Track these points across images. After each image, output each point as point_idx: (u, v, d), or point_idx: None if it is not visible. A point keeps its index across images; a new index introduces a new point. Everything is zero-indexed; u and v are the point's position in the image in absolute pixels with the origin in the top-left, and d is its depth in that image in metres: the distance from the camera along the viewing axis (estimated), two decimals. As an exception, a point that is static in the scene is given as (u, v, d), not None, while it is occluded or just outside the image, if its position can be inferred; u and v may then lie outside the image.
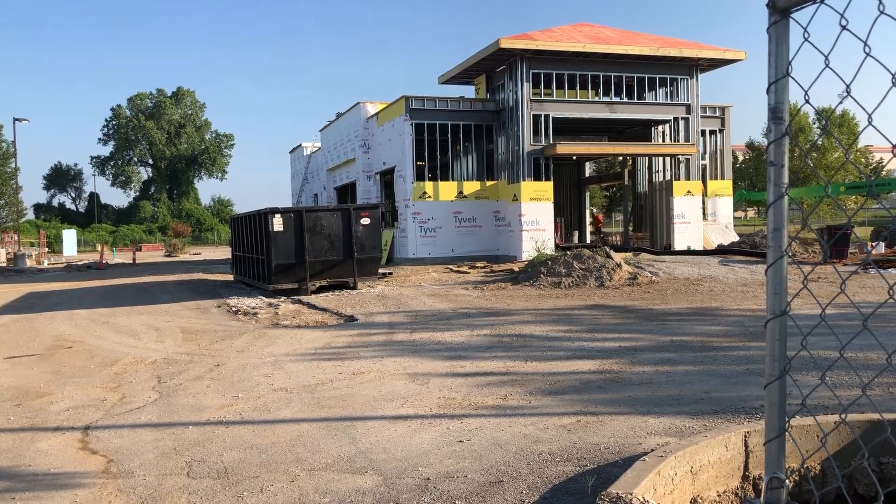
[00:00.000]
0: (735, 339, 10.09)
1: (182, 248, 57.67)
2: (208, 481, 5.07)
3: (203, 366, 9.56)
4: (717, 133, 33.07)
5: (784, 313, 2.03)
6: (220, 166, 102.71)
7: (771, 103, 2.08)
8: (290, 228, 18.70)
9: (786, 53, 2.07)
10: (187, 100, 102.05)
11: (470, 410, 6.68)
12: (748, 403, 6.45)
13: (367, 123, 33.11)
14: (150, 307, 17.38)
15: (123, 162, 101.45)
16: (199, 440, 6.09)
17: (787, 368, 2.09)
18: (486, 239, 28.72)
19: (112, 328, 13.87)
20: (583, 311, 13.87)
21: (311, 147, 46.47)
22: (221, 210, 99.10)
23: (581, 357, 9.10)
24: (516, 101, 27.63)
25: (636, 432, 5.76)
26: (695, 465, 4.75)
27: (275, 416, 6.79)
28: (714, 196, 32.93)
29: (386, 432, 6.07)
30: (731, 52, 29.84)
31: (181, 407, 7.32)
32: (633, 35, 30.51)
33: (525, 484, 4.74)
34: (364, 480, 4.95)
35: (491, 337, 10.99)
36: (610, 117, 29.53)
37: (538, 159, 27.63)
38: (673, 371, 8.09)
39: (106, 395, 8.07)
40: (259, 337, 12.08)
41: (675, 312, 13.15)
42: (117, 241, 77.27)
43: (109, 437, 6.33)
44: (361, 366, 9.05)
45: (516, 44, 26.83)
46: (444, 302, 15.82)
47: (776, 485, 2.02)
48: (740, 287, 16.59)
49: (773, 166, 2.07)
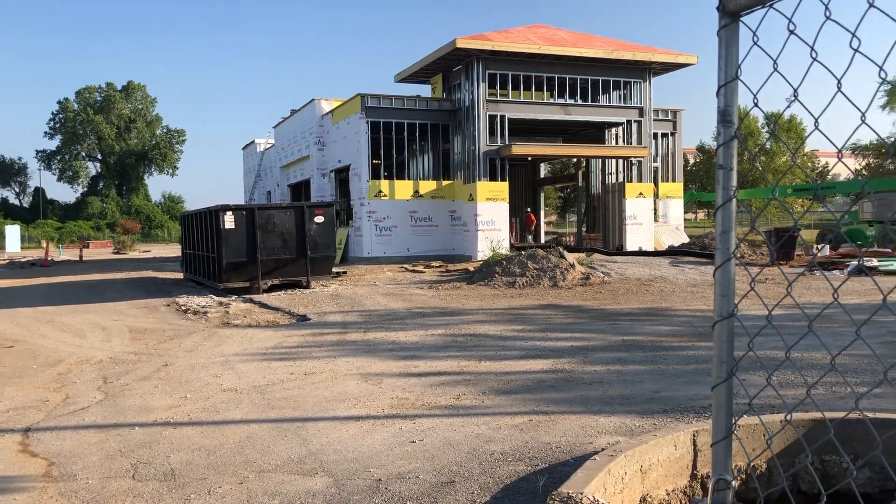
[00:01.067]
0: (684, 338, 10.25)
1: (131, 245, 56.39)
2: (154, 484, 4.96)
3: (151, 366, 9.36)
4: (668, 136, 33.60)
5: (731, 315, 2.05)
6: (171, 162, 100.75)
7: (720, 106, 2.09)
8: (241, 226, 18.43)
9: (735, 57, 2.08)
10: (138, 94, 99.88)
11: (423, 410, 6.66)
12: (697, 402, 6.55)
13: (322, 121, 32.85)
14: (97, 305, 16.97)
15: (71, 156, 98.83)
16: (145, 442, 5.95)
17: (733, 370, 2.11)
18: (442, 238, 28.73)
19: (56, 327, 13.50)
20: (536, 310, 13.95)
21: (264, 143, 45.91)
22: (172, 207, 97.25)
23: (534, 356, 9.14)
24: (472, 101, 27.69)
25: (587, 431, 5.80)
26: (644, 464, 4.79)
27: (224, 417, 6.67)
28: (665, 198, 33.46)
29: (337, 433, 6.00)
30: (683, 57, 30.35)
31: (127, 408, 7.14)
32: (587, 38, 30.83)
33: (477, 484, 4.74)
34: (314, 482, 4.89)
35: (445, 336, 10.98)
36: (565, 119, 29.80)
37: (494, 160, 27.73)
38: (624, 370, 8.18)
39: (48, 395, 7.84)
40: (209, 336, 11.88)
41: (626, 312, 13.31)
42: (64, 237, 75.29)
43: (51, 439, 6.15)
44: (313, 366, 8.96)
45: (472, 44, 26.89)
46: (398, 301, 15.76)
47: (723, 486, 2.03)
48: (690, 288, 16.87)
49: (722, 169, 2.08)
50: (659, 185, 32.89)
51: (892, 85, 2.43)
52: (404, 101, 29.04)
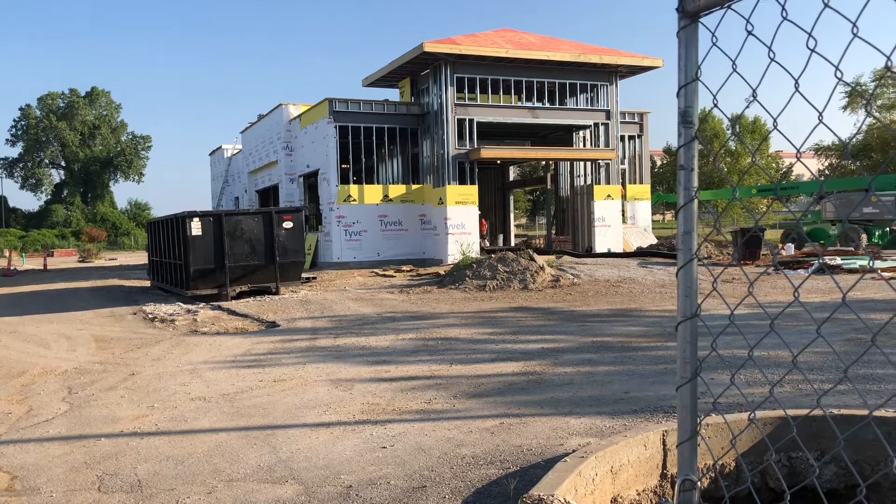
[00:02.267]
0: (653, 339, 10.34)
1: (97, 253, 55.54)
2: (121, 495, 4.87)
3: (117, 375, 9.21)
4: (635, 138, 33.93)
5: (695, 315, 2.06)
6: (136, 169, 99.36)
7: (681, 107, 2.10)
8: (209, 232, 18.24)
9: (695, 58, 2.10)
10: (102, 100, 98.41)
11: (394, 416, 6.63)
12: (666, 402, 6.60)
13: (290, 125, 32.65)
14: (62, 315, 16.67)
15: (34, 164, 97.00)
16: (111, 453, 5.85)
17: (698, 370, 2.12)
18: (412, 242, 28.69)
19: (19, 337, 13.23)
20: (507, 313, 13.99)
21: (231, 149, 45.52)
22: (138, 214, 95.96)
23: (505, 359, 9.16)
24: (441, 104, 27.71)
25: (558, 433, 5.81)
26: (615, 464, 4.82)
27: (192, 427, 6.58)
28: (633, 200, 33.77)
29: (307, 440, 5.95)
30: (648, 60, 30.68)
31: (93, 419, 7.02)
32: (555, 41, 31.03)
33: (448, 488, 4.72)
34: (284, 490, 4.84)
35: (416, 341, 10.95)
36: (533, 122, 29.94)
37: (463, 163, 27.78)
38: (594, 371, 8.22)
39: (11, 408, 7.67)
40: (176, 345, 11.72)
41: (595, 314, 13.39)
42: (27, 246, 73.85)
43: (14, 452, 6.01)
44: (283, 373, 8.88)
45: (440, 48, 26.92)
46: (369, 306, 15.70)
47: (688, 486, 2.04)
48: (658, 288, 17.04)
49: (683, 170, 2.09)
50: (627, 187, 33.19)
51: (850, 85, 2.47)
52: (372, 106, 28.97)
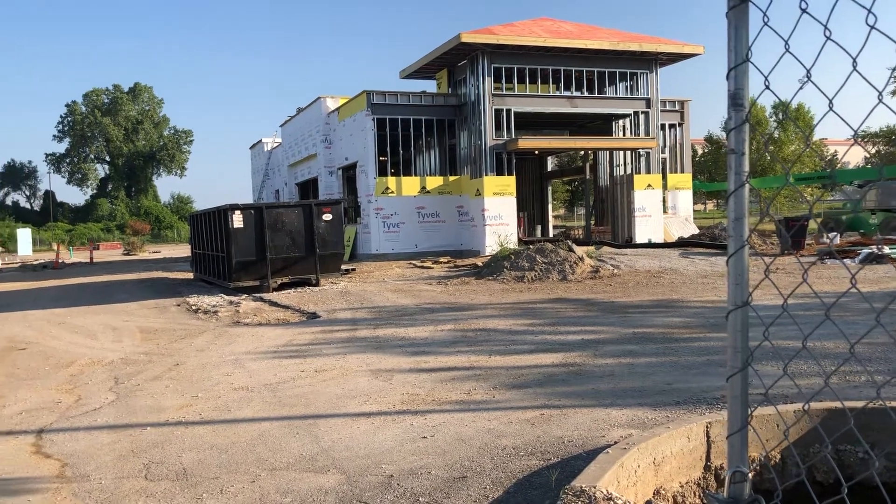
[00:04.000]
0: (696, 330, 10.20)
1: (141, 246, 56.62)
2: (167, 483, 4.96)
3: (162, 365, 9.38)
4: (676, 127, 33.45)
5: (746, 304, 2.01)
6: (179, 163, 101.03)
7: (731, 89, 2.05)
8: (250, 225, 18.46)
9: (745, 38, 2.04)
10: (145, 95, 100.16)
11: (434, 406, 6.64)
12: (709, 394, 6.51)
13: (329, 118, 32.85)
14: (108, 306, 17.03)
15: (80, 159, 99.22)
16: (157, 441, 5.96)
17: (749, 360, 2.07)
18: (450, 234, 28.71)
19: (68, 328, 13.55)
20: (546, 304, 13.91)
21: (271, 142, 45.95)
22: (181, 207, 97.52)
23: (544, 350, 9.11)
24: (478, 95, 27.62)
25: (599, 425, 5.77)
26: (657, 456, 4.77)
27: (235, 416, 6.67)
28: (674, 189, 33.32)
29: (349, 430, 6.00)
30: (689, 47, 30.19)
31: (139, 408, 7.16)
32: (593, 30, 30.70)
33: (489, 479, 4.72)
34: (326, 479, 4.88)
35: (455, 332, 10.96)
36: (571, 111, 29.69)
37: (500, 154, 27.67)
38: (635, 363, 8.14)
39: (61, 397, 7.86)
40: (219, 335, 11.90)
41: (636, 305, 13.25)
42: (74, 239, 75.65)
43: (64, 440, 6.16)
44: (324, 363, 8.95)
45: (477, 38, 26.81)
46: (407, 297, 15.75)
47: (739, 479, 2.01)
48: (700, 279, 16.79)
49: (734, 154, 2.04)
50: (667, 177, 32.77)
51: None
52: (410, 98, 29.00)
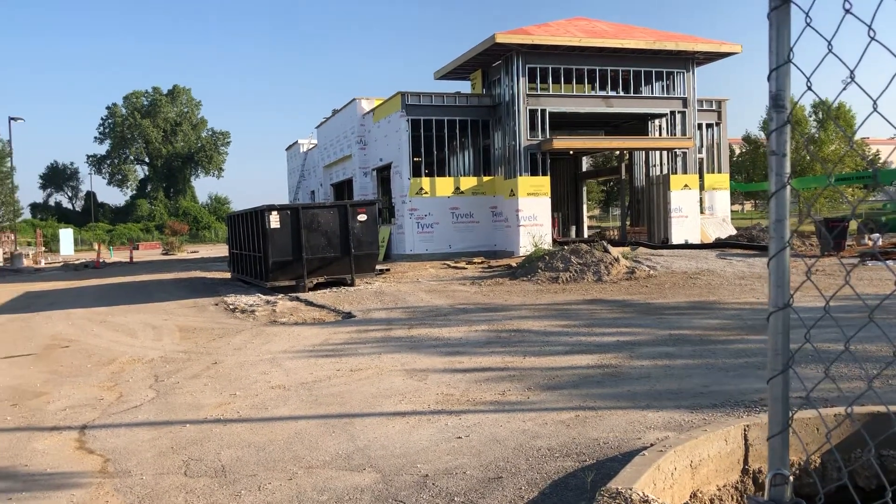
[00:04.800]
0: (733, 332, 10.07)
1: (179, 246, 57.53)
2: (206, 480, 5.04)
3: (200, 364, 9.53)
4: (713, 126, 33.04)
5: (787, 306, 1.99)
6: (216, 164, 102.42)
7: (772, 91, 2.03)
8: (287, 225, 18.66)
9: (787, 39, 2.02)
10: (183, 97, 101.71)
11: (468, 406, 6.65)
12: (747, 397, 6.43)
13: (364, 120, 33.04)
14: (148, 305, 17.33)
15: (120, 160, 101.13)
16: (196, 438, 6.06)
17: (790, 362, 2.05)
18: (484, 234, 28.69)
19: (109, 327, 13.83)
20: (581, 305, 13.85)
21: (307, 144, 46.37)
22: (218, 208, 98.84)
23: (579, 352, 9.07)
24: (512, 95, 27.57)
25: (635, 427, 5.73)
26: (694, 459, 4.73)
27: (272, 414, 6.75)
28: (711, 189, 32.92)
29: (384, 429, 6.04)
30: (727, 46, 29.79)
31: (178, 405, 7.28)
32: (628, 29, 30.46)
33: (524, 479, 4.72)
34: (362, 478, 4.92)
35: (489, 332, 10.96)
36: (606, 111, 29.49)
37: (535, 154, 27.58)
38: (671, 365, 8.07)
39: (103, 394, 8.03)
40: (256, 334, 12.04)
41: (673, 306, 13.13)
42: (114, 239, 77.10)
43: (106, 436, 6.30)
44: (359, 362, 9.02)
45: (512, 38, 26.76)
46: (441, 298, 15.78)
47: (780, 481, 1.99)
48: (738, 280, 16.57)
49: (775, 155, 2.03)
50: (704, 177, 32.38)
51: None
52: (444, 98, 29.05)
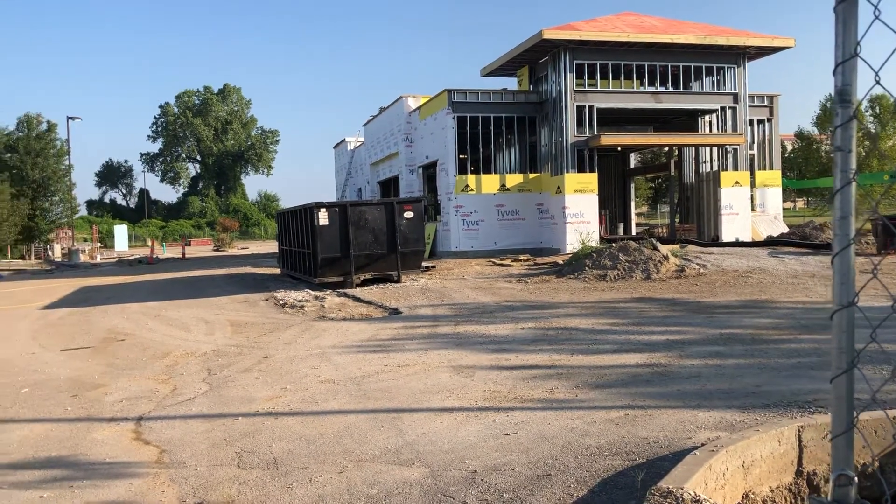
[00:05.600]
0: (786, 331, 9.87)
1: (230, 242, 58.58)
2: (258, 472, 5.14)
3: (252, 358, 9.70)
4: (765, 122, 32.38)
5: (852, 304, 1.96)
6: (265, 162, 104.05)
7: (838, 85, 2.00)
8: (335, 222, 18.85)
9: (854, 33, 1.99)
10: (233, 96, 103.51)
11: (516, 403, 6.65)
12: (800, 397, 6.30)
13: (410, 117, 33.18)
14: (200, 300, 17.69)
15: (172, 158, 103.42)
16: (248, 431, 6.17)
17: (854, 361, 2.02)
18: (530, 232, 28.59)
19: (163, 321, 14.15)
20: (629, 303, 13.71)
21: (354, 142, 46.77)
22: (268, 205, 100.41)
23: (628, 350, 8.99)
24: (560, 92, 27.40)
25: (686, 426, 5.66)
26: (747, 459, 4.66)
27: (322, 408, 6.85)
28: (762, 186, 32.27)
29: (432, 424, 6.07)
30: (779, 40, 29.16)
31: (231, 398, 7.43)
32: (678, 24, 30.01)
33: (573, 478, 4.70)
34: (411, 472, 4.96)
35: (535, 330, 10.93)
36: (655, 107, 29.12)
37: (582, 151, 27.37)
38: (722, 364, 7.94)
39: (158, 386, 8.23)
40: (306, 329, 12.21)
41: (723, 305, 12.91)
42: (167, 236, 78.89)
43: (161, 427, 6.46)
44: (406, 358, 9.08)
45: (560, 34, 26.59)
46: (487, 295, 15.78)
47: (844, 482, 1.95)
48: (790, 279, 16.22)
49: (840, 151, 1.99)
50: (756, 174, 31.76)
51: None
52: (490, 95, 29.01)
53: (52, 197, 53.91)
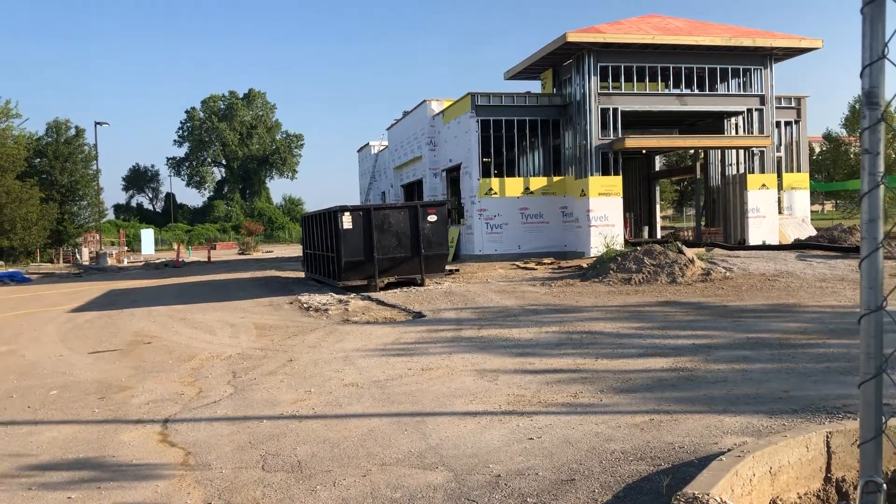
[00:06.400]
0: (814, 336, 9.75)
1: (255, 246, 59.03)
2: (282, 475, 5.17)
3: (276, 361, 9.76)
4: (792, 124, 31.99)
5: (880, 308, 1.93)
6: (290, 166, 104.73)
7: (865, 87, 1.97)
8: (358, 226, 18.93)
9: (882, 34, 1.96)
10: (258, 101, 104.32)
11: (540, 408, 6.63)
12: (829, 403, 6.21)
13: (433, 121, 33.23)
14: (225, 304, 17.83)
15: (198, 163, 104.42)
16: (273, 434, 6.21)
17: (883, 366, 1.99)
18: (553, 235, 28.49)
19: (189, 324, 14.29)
20: (654, 307, 13.61)
21: (378, 146, 46.93)
22: (292, 209, 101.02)
23: (653, 355, 8.93)
24: (584, 94, 27.29)
25: (712, 431, 5.61)
26: (774, 465, 4.60)
27: (346, 411, 6.87)
28: (790, 189, 31.88)
29: (455, 428, 6.07)
30: (807, 41, 28.82)
31: (255, 401, 7.48)
32: (703, 25, 29.78)
33: (597, 482, 4.68)
34: (435, 476, 4.96)
35: (560, 334, 10.89)
36: (680, 110, 28.90)
37: (606, 154, 27.24)
38: (749, 369, 7.86)
39: (183, 389, 8.31)
40: (330, 333, 12.26)
41: (750, 309, 12.78)
42: (193, 239, 79.66)
43: (187, 430, 6.51)
44: (430, 362, 9.08)
45: (584, 37, 26.49)
46: (511, 298, 15.75)
47: (872, 489, 1.92)
48: (818, 283, 16.01)
49: (868, 154, 1.97)
50: (783, 176, 31.39)
51: None
52: (514, 99, 28.97)
53: (81, 201, 54.61)
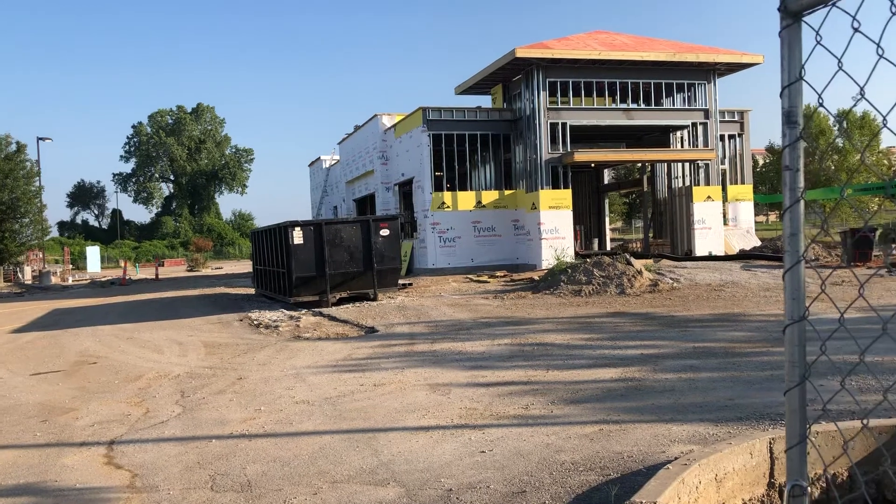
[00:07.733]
0: (759, 344, 10.00)
1: (204, 262, 58.10)
2: (232, 495, 5.10)
3: (226, 379, 9.62)
4: (736, 137, 32.83)
5: (803, 318, 2.01)
6: (240, 181, 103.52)
7: (785, 107, 2.07)
8: (310, 241, 18.80)
9: (798, 57, 2.06)
10: (207, 115, 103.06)
11: (491, 420, 6.66)
12: (773, 410, 6.38)
13: (385, 135, 33.26)
14: (173, 322, 17.51)
15: (145, 178, 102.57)
16: (222, 454, 6.12)
17: (806, 374, 2.07)
18: (506, 248, 28.69)
19: (136, 343, 13.99)
20: (604, 318, 13.80)
21: (329, 160, 46.75)
22: (242, 224, 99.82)
23: (603, 365, 9.05)
24: (533, 109, 27.62)
25: (659, 440, 5.71)
26: (719, 472, 4.70)
27: (297, 429, 6.81)
28: (735, 201, 32.68)
29: (408, 444, 6.06)
30: (748, 56, 29.66)
31: (204, 421, 7.36)
32: (649, 41, 30.44)
33: (548, 494, 4.72)
34: (386, 492, 4.94)
35: (512, 346, 10.96)
36: (627, 124, 29.44)
37: (556, 167, 27.57)
38: (696, 378, 8.02)
39: (130, 409, 8.13)
40: (281, 350, 12.13)
41: (697, 319, 13.05)
42: (140, 256, 78.05)
43: (134, 451, 6.38)
44: (382, 377, 9.06)
45: (532, 53, 26.84)
46: (464, 312, 15.80)
47: (798, 493, 1.99)
48: (763, 292, 16.43)
49: (789, 170, 2.05)
50: (728, 188, 32.17)
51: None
52: (465, 113, 29.17)
53: (22, 219, 53.05)
